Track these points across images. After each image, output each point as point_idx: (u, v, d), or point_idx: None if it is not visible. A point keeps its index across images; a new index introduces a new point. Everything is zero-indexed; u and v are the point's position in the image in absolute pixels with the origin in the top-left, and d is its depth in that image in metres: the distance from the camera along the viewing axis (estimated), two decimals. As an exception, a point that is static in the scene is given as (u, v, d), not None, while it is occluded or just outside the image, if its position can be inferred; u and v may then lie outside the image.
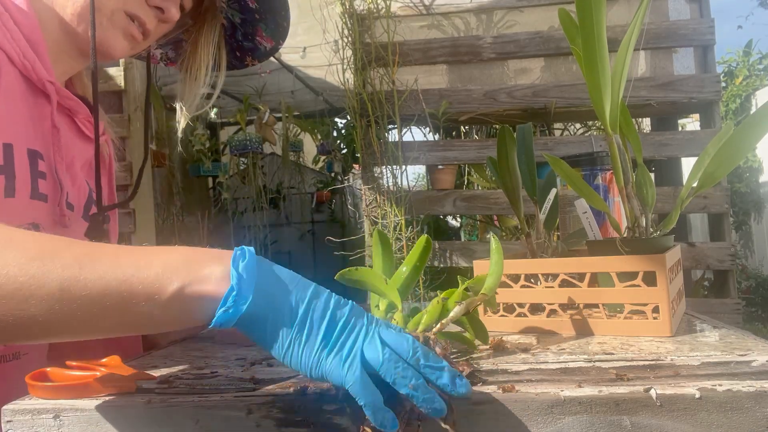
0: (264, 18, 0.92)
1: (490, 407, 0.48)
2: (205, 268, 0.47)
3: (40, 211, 0.73)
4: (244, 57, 0.98)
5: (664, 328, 0.67)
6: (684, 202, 0.72)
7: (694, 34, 2.52)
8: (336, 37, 2.71)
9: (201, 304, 0.47)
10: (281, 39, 0.97)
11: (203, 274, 0.47)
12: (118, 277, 0.46)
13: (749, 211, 5.49)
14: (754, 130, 0.65)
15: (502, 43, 2.61)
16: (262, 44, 0.96)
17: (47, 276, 0.46)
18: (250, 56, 0.98)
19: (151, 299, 0.46)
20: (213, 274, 0.47)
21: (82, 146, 0.84)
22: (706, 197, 2.42)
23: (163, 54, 0.98)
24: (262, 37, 0.95)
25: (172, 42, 0.96)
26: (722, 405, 0.46)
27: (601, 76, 0.65)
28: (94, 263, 0.47)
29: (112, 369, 0.57)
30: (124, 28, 0.77)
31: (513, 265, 0.76)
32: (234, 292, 0.46)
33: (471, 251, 2.60)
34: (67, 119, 0.80)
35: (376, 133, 2.49)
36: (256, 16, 0.92)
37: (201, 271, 0.47)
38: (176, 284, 0.46)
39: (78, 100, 0.81)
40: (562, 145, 2.53)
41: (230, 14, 0.92)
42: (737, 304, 2.45)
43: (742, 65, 5.74)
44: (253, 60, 0.99)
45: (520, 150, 0.87)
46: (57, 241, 0.49)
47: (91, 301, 0.46)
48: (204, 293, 0.47)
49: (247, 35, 0.95)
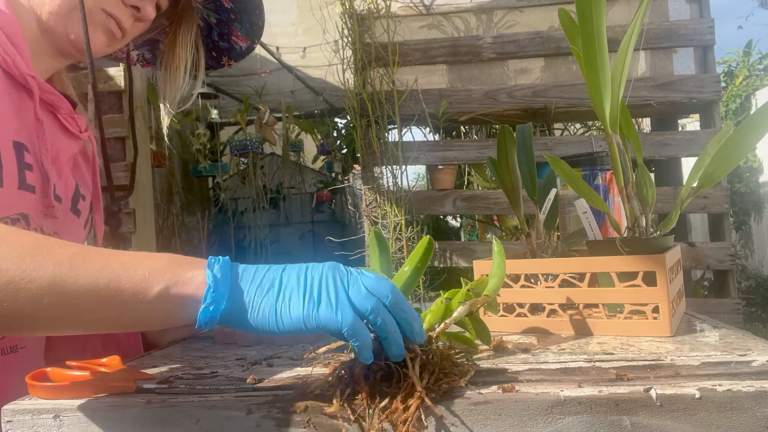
0: (239, 17, 0.93)
1: (490, 407, 0.48)
2: (188, 272, 0.51)
3: (28, 201, 0.73)
4: (221, 57, 1.00)
5: (664, 328, 0.67)
6: (684, 202, 0.72)
7: (694, 34, 2.52)
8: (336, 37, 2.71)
9: (183, 304, 0.50)
10: (256, 38, 0.98)
11: (186, 277, 0.50)
12: (107, 276, 0.49)
13: (749, 211, 5.49)
14: (754, 130, 0.65)
15: (502, 43, 2.61)
16: (237, 44, 0.98)
17: (39, 271, 0.48)
18: (226, 56, 1.00)
19: (138, 298, 0.49)
20: (195, 277, 0.50)
21: (66, 141, 0.84)
22: (706, 197, 2.42)
23: (139, 55, 0.99)
24: (238, 37, 0.96)
25: (149, 43, 0.97)
26: (722, 405, 0.46)
27: (601, 76, 0.65)
28: (85, 262, 0.49)
29: (112, 369, 0.57)
30: (103, 24, 0.78)
31: (513, 265, 0.76)
32: (212, 290, 0.49)
33: (471, 251, 2.60)
34: (50, 115, 0.80)
35: (376, 133, 2.50)
36: (231, 16, 0.93)
37: (184, 274, 0.51)
38: (161, 285, 0.50)
39: (60, 96, 0.81)
40: (562, 145, 2.53)
41: (206, 15, 0.93)
42: (737, 304, 2.45)
43: (742, 65, 5.73)
44: (229, 60, 1.01)
45: (520, 150, 0.87)
46: (50, 241, 0.51)
47: (80, 297, 0.48)
48: (186, 294, 0.50)
49: (223, 35, 0.96)
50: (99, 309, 0.49)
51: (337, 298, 0.49)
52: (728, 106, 5.48)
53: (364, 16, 2.58)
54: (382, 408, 0.48)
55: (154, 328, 0.54)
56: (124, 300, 0.49)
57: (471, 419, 0.48)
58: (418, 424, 0.47)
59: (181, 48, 0.89)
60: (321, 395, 0.51)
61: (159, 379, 0.57)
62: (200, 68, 0.93)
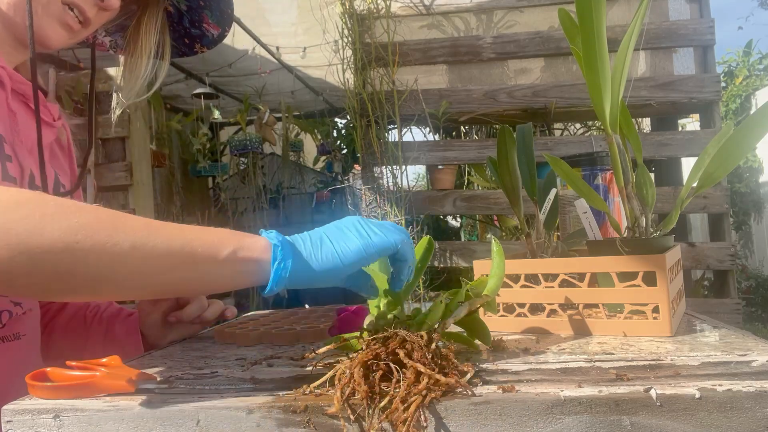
0: (208, 4, 0.93)
1: (490, 407, 0.48)
2: (250, 239, 0.58)
3: None
4: (193, 44, 0.99)
5: (664, 328, 0.67)
6: (684, 202, 0.72)
7: (694, 34, 2.52)
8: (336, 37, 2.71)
9: (250, 266, 0.57)
10: (227, 26, 0.98)
11: (250, 242, 0.57)
12: (181, 241, 0.54)
13: (749, 211, 5.49)
14: (754, 130, 0.65)
15: (502, 43, 2.61)
16: (209, 31, 0.97)
17: (120, 235, 0.52)
18: (198, 43, 0.99)
19: (209, 260, 0.55)
20: (258, 242, 0.58)
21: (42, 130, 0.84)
22: (706, 197, 2.42)
23: (112, 41, 0.98)
24: (209, 24, 0.96)
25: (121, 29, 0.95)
26: (722, 405, 0.46)
27: (601, 76, 0.65)
28: (160, 229, 0.54)
29: (112, 369, 0.57)
30: (60, 17, 0.77)
31: (513, 265, 0.76)
32: (279, 248, 0.57)
33: (471, 251, 2.60)
34: (22, 105, 0.80)
35: (376, 133, 2.50)
36: (201, 3, 0.93)
37: (248, 240, 0.57)
38: (230, 248, 0.56)
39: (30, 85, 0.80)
40: (562, 145, 2.53)
41: (176, 1, 0.92)
42: (737, 304, 2.45)
43: (742, 65, 5.73)
44: (202, 47, 1.00)
45: (520, 150, 0.87)
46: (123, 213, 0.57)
47: (158, 259, 0.53)
48: (253, 257, 0.57)
49: (194, 22, 0.95)
50: (173, 271, 0.54)
51: (381, 228, 0.60)
52: (728, 106, 5.48)
53: (364, 16, 2.58)
54: (382, 408, 0.48)
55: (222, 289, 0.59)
56: (197, 261, 0.54)
57: (471, 419, 0.48)
58: (418, 424, 0.47)
59: (145, 35, 0.88)
60: (321, 395, 0.51)
61: (159, 379, 0.57)
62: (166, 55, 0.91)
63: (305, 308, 1.01)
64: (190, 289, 0.60)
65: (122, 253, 0.52)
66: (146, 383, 0.55)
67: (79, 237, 0.50)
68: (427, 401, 0.48)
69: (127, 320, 0.92)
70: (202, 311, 0.88)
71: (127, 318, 0.93)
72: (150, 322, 0.90)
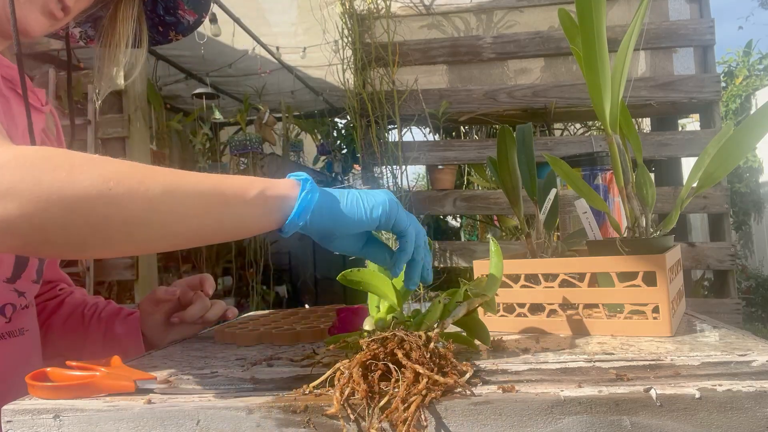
0: None
1: (490, 407, 0.48)
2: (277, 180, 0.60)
3: None
4: (168, 32, 0.98)
5: (664, 328, 0.67)
6: (684, 202, 0.72)
7: (694, 34, 2.52)
8: (336, 37, 2.71)
9: (279, 203, 0.58)
10: (204, 11, 0.97)
11: (276, 182, 0.59)
12: (210, 184, 0.56)
13: (749, 211, 5.49)
14: (754, 130, 0.65)
15: (502, 43, 2.61)
16: (184, 18, 0.96)
17: (151, 181, 0.53)
18: (173, 31, 0.98)
19: (239, 200, 0.56)
20: (285, 182, 0.60)
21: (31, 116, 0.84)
22: (706, 197, 2.42)
23: (82, 32, 0.96)
24: (184, 11, 0.94)
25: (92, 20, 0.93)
26: (722, 405, 0.46)
27: (601, 76, 0.65)
28: (187, 176, 0.56)
29: (112, 369, 0.57)
30: (43, 5, 0.76)
31: (513, 265, 0.76)
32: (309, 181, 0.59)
33: (471, 251, 2.60)
34: (11, 91, 0.80)
35: (376, 133, 2.50)
36: None
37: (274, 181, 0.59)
38: (258, 188, 0.57)
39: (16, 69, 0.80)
40: (562, 145, 2.53)
41: None
42: (737, 304, 2.45)
43: (742, 65, 5.73)
44: (177, 35, 0.98)
45: (520, 150, 0.87)
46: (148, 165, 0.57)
47: (190, 200, 0.54)
48: (281, 194, 0.58)
49: (169, 9, 0.94)
50: (206, 214, 0.55)
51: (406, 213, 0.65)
52: (728, 106, 5.49)
53: (364, 16, 2.58)
54: (381, 407, 0.48)
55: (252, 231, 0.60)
56: (227, 202, 0.56)
57: (471, 419, 0.48)
58: (418, 424, 0.47)
59: (122, 23, 0.86)
60: (321, 395, 0.51)
61: (159, 379, 0.57)
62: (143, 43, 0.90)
63: (305, 308, 1.01)
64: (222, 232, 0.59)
65: (155, 197, 0.52)
66: (146, 383, 0.55)
67: (111, 184, 0.51)
68: (427, 401, 0.48)
69: (128, 319, 0.92)
70: (205, 312, 0.88)
71: (127, 317, 0.92)
72: (151, 322, 0.90)
